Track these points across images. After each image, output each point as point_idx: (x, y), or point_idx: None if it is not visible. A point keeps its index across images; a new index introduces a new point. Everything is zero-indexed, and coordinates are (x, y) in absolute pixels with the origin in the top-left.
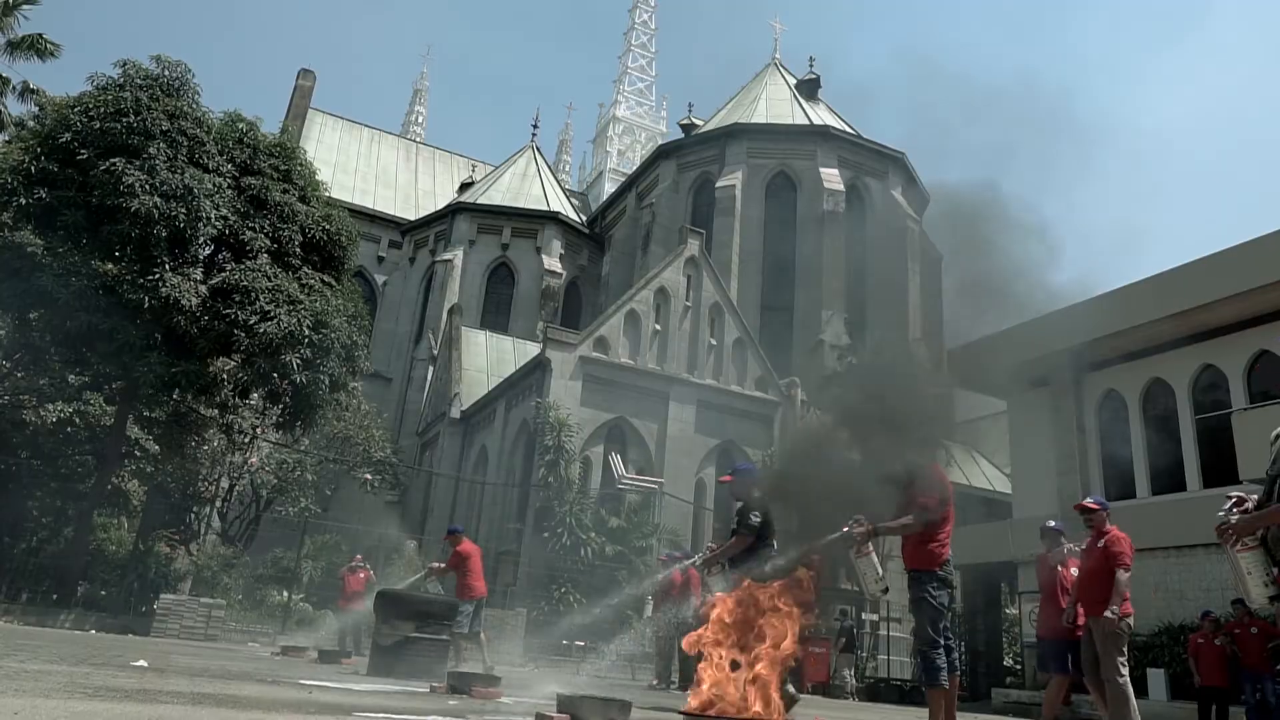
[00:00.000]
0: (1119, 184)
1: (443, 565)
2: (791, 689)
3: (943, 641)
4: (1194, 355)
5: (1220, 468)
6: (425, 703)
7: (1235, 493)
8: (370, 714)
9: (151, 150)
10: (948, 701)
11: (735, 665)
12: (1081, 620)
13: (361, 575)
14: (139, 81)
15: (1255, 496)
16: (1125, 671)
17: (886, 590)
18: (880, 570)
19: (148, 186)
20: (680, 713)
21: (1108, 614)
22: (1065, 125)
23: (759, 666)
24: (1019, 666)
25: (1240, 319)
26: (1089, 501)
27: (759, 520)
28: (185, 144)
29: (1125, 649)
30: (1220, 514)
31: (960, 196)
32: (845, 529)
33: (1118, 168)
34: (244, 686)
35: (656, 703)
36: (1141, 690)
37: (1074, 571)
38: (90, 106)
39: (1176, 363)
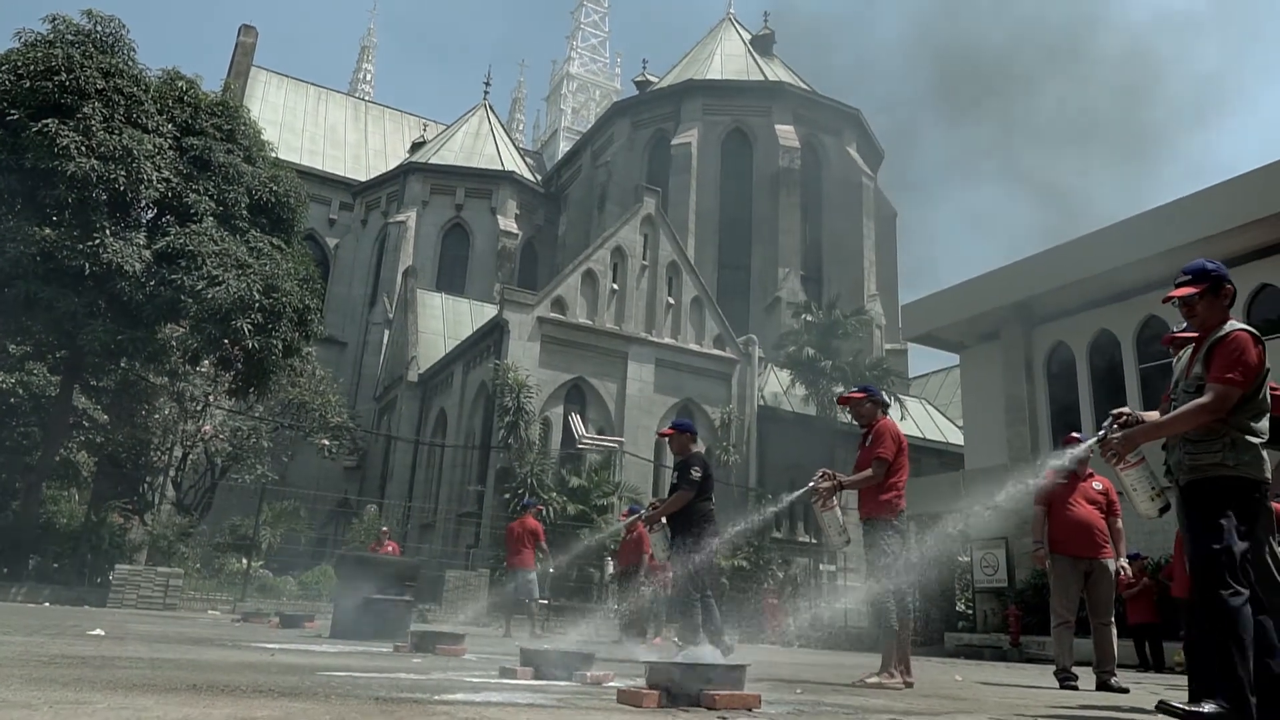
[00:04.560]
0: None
1: (544, 547)
2: None
3: (893, 588)
4: (1139, 307)
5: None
6: (389, 661)
7: (1115, 409)
8: (335, 673)
9: (86, 110)
10: (902, 644)
11: None
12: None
13: (389, 547)
14: (70, 37)
15: (1139, 412)
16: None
17: (849, 541)
18: (842, 523)
19: (84, 148)
20: None
21: (1123, 562)
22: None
23: None
24: (970, 611)
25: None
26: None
27: (700, 475)
28: (122, 103)
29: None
30: (1102, 431)
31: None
32: (811, 484)
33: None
34: (205, 651)
35: (619, 655)
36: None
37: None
38: (19, 64)
39: (1123, 314)
